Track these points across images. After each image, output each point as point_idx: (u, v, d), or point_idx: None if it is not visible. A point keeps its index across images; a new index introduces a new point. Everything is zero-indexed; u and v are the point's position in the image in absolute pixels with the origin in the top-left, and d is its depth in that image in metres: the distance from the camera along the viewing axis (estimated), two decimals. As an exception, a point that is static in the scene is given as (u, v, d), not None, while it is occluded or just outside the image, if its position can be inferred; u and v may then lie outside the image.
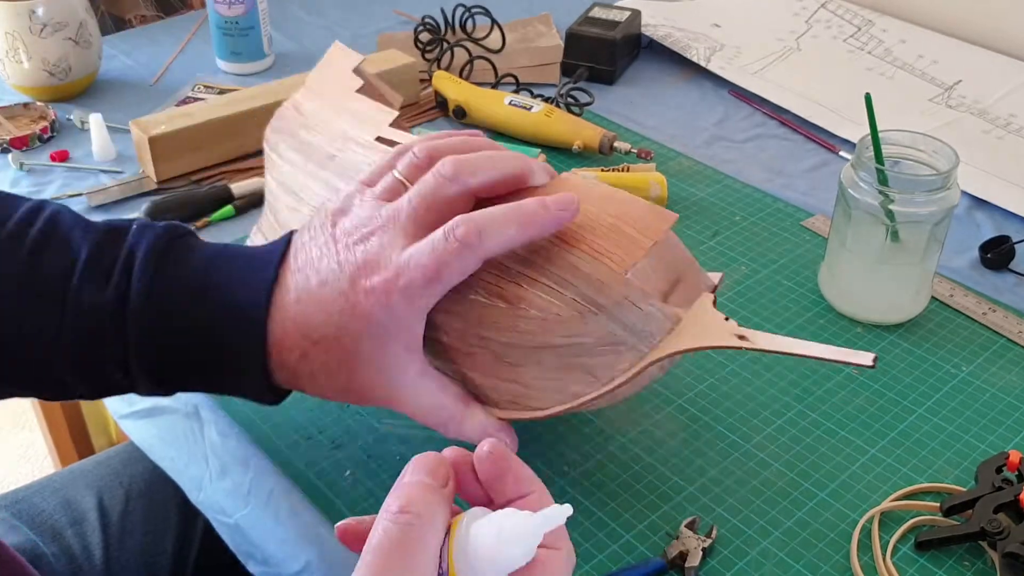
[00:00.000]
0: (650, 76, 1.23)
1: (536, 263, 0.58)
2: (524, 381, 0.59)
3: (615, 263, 0.57)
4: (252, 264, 0.59)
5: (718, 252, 0.90)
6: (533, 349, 0.58)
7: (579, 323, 0.57)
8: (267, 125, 0.77)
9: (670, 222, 0.58)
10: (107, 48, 1.24)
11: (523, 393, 0.60)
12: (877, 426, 0.72)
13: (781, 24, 1.31)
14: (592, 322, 0.57)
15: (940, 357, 0.78)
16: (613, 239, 0.57)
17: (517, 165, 0.60)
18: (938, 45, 1.24)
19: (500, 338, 0.58)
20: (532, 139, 1.05)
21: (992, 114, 1.11)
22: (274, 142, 0.76)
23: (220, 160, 1.01)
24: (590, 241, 0.57)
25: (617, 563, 0.62)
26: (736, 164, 1.05)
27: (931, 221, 0.76)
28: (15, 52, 1.08)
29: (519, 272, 0.58)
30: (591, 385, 0.58)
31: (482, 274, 0.58)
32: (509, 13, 1.36)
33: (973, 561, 0.62)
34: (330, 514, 0.65)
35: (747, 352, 0.78)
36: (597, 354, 0.58)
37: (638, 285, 0.57)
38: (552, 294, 0.57)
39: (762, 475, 0.67)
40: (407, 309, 0.55)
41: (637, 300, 0.57)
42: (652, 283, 0.58)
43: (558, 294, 0.57)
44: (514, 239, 0.56)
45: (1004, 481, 0.64)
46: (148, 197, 0.96)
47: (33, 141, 1.05)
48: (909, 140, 0.79)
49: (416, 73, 1.12)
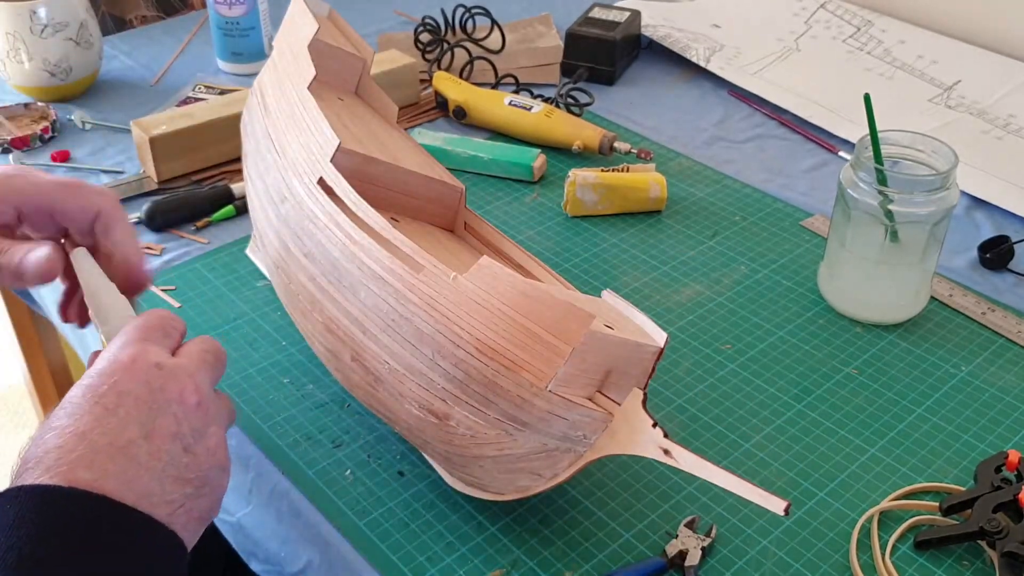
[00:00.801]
0: (650, 76, 1.23)
1: (457, 378, 0.55)
2: (475, 475, 0.60)
3: (535, 376, 0.53)
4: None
5: (718, 252, 0.90)
6: (472, 458, 0.58)
7: (508, 439, 0.56)
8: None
9: (588, 324, 0.52)
10: (108, 48, 1.24)
11: (479, 482, 0.61)
12: (876, 426, 0.72)
13: (781, 24, 1.32)
14: (521, 437, 0.56)
15: (939, 357, 0.78)
16: (531, 349, 0.53)
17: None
18: (938, 45, 1.24)
19: (439, 446, 0.59)
20: (532, 139, 1.05)
21: (991, 114, 1.11)
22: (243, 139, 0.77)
23: (220, 160, 1.02)
24: (509, 353, 0.54)
25: (617, 562, 0.62)
26: (736, 164, 1.05)
27: (930, 221, 0.76)
28: (16, 52, 1.08)
29: (443, 388, 0.55)
30: (537, 481, 0.59)
31: (410, 384, 0.57)
32: (509, 13, 1.36)
33: (972, 560, 0.62)
34: (331, 513, 0.65)
35: (747, 352, 0.78)
36: (534, 459, 0.58)
37: (560, 396, 0.54)
38: (476, 414, 0.56)
39: (761, 474, 0.68)
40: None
41: (562, 412, 0.55)
42: (577, 387, 0.55)
43: (482, 414, 0.55)
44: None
45: (1003, 481, 0.64)
46: (149, 197, 0.96)
47: (34, 141, 1.06)
48: (908, 140, 0.79)
49: (416, 73, 1.13)
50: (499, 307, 0.54)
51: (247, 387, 0.74)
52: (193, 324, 0.81)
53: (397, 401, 0.59)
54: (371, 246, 0.59)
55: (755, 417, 0.72)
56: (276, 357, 0.77)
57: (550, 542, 0.63)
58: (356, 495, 0.66)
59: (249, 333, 0.80)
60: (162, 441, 0.49)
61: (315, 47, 0.73)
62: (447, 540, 0.63)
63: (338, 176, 0.64)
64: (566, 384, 0.54)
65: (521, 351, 0.54)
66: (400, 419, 0.60)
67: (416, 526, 0.64)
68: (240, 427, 0.71)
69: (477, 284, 0.55)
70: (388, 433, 0.70)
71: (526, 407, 0.54)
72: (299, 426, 0.71)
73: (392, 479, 0.67)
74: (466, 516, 0.65)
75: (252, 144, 0.74)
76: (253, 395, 0.74)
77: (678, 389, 0.75)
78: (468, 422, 0.56)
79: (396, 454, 0.69)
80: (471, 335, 0.54)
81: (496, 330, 0.54)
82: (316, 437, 0.70)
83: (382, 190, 0.68)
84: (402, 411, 0.59)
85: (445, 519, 0.64)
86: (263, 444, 0.70)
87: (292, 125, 0.69)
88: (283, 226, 0.66)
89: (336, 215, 0.62)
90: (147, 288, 0.63)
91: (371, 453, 0.69)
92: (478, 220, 0.74)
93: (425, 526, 0.64)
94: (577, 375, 0.54)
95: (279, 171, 0.68)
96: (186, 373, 0.52)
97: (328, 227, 0.62)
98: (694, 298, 0.84)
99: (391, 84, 1.09)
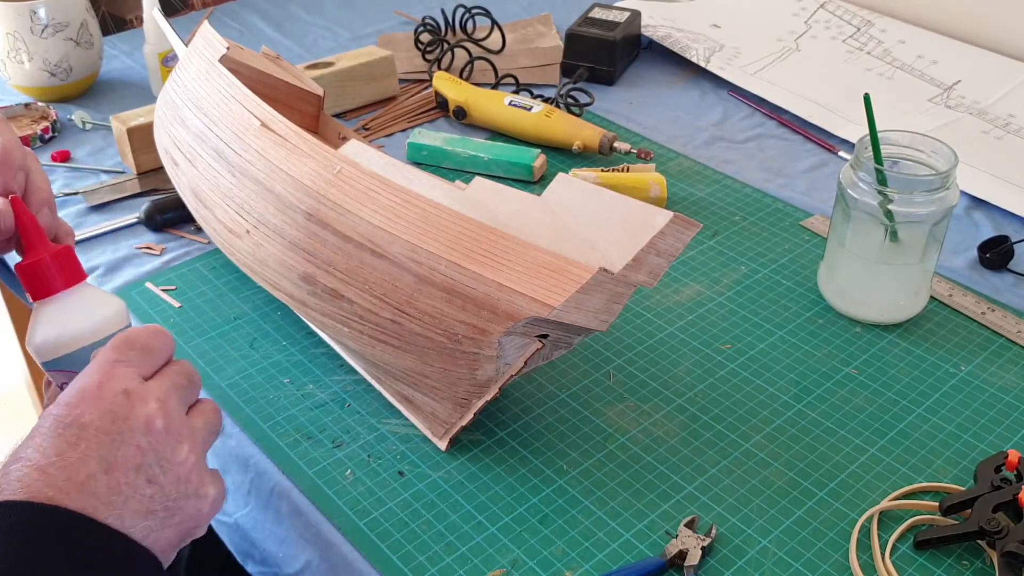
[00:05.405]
0: (650, 76, 1.23)
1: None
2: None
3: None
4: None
5: (717, 252, 0.90)
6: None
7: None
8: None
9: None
10: (108, 48, 1.25)
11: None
12: (876, 425, 0.72)
13: (780, 24, 1.32)
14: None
15: (939, 357, 0.78)
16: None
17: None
18: (937, 45, 1.24)
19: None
20: (532, 139, 1.05)
21: (991, 114, 1.11)
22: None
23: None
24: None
25: (617, 562, 0.62)
26: (735, 164, 1.05)
27: (930, 221, 0.76)
28: (16, 52, 1.08)
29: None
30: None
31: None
32: (509, 14, 1.36)
33: (972, 560, 0.62)
34: (331, 514, 0.65)
35: (747, 352, 0.78)
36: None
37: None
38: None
39: (761, 474, 0.68)
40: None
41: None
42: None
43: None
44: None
45: (1003, 480, 0.64)
46: (147, 197, 0.96)
47: (34, 141, 1.06)
48: (908, 140, 0.79)
49: (393, 66, 1.14)
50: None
51: (247, 387, 0.74)
52: (193, 324, 0.81)
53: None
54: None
55: (755, 417, 0.72)
56: (276, 357, 0.77)
57: (550, 542, 0.63)
58: (356, 495, 0.66)
59: (249, 333, 0.80)
60: (123, 474, 0.48)
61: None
62: (447, 540, 0.63)
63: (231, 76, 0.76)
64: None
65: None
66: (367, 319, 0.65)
67: (416, 526, 0.64)
68: (240, 427, 0.71)
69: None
70: (388, 433, 0.70)
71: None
72: (299, 426, 0.71)
73: (392, 479, 0.67)
74: (466, 516, 0.65)
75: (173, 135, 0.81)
76: (253, 395, 0.74)
77: (678, 389, 0.75)
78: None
79: (396, 454, 0.69)
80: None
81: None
82: (316, 437, 0.70)
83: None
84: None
85: (445, 519, 0.64)
86: (263, 444, 0.70)
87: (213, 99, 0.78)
88: (216, 164, 0.74)
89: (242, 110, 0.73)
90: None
91: (371, 453, 0.69)
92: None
93: (425, 526, 0.64)
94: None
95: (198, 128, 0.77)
96: (154, 397, 0.51)
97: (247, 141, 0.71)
98: (694, 298, 0.84)
99: (368, 77, 1.12)
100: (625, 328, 0.81)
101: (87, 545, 0.45)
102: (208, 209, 0.75)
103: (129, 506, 0.47)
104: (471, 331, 0.60)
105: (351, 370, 0.75)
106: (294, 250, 0.66)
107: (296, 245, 0.66)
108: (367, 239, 0.63)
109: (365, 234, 0.63)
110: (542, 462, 0.68)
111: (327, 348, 0.78)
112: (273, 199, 0.68)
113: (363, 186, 0.64)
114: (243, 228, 0.71)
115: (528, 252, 0.60)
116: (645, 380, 0.76)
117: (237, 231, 0.71)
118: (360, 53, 1.13)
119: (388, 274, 0.62)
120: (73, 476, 0.46)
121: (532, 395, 0.74)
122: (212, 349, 0.78)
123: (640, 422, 0.72)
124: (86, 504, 0.46)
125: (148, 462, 0.49)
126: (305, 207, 0.65)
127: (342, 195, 0.64)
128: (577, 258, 0.60)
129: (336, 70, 1.10)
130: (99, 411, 0.49)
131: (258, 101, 0.72)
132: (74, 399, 0.50)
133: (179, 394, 0.52)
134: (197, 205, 0.78)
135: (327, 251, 0.64)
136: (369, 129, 1.10)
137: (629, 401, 0.74)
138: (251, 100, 0.73)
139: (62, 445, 0.47)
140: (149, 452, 0.49)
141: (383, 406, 0.73)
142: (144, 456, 0.49)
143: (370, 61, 1.12)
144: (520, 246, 0.60)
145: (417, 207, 0.62)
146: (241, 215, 0.71)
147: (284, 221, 0.67)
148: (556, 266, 0.59)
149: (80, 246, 0.91)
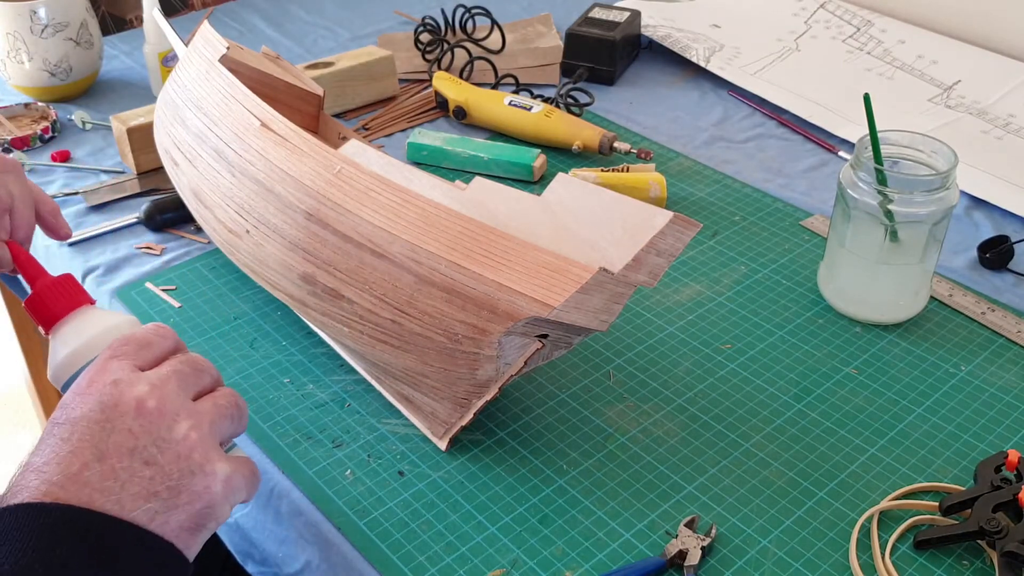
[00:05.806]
0: (650, 76, 1.23)
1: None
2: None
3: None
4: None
5: (717, 252, 0.90)
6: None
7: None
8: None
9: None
10: (108, 48, 1.25)
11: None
12: (876, 425, 0.72)
13: (780, 24, 1.32)
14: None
15: (939, 356, 0.78)
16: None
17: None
18: (937, 45, 1.24)
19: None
20: (532, 139, 1.05)
21: (991, 114, 1.11)
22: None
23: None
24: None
25: (616, 562, 0.62)
26: (735, 164, 1.05)
27: (930, 221, 0.76)
28: (16, 52, 1.09)
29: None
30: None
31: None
32: (509, 13, 1.36)
33: (972, 560, 0.62)
34: (331, 514, 0.65)
35: (747, 352, 0.78)
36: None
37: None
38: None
39: (761, 474, 0.68)
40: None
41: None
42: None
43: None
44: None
45: (1003, 480, 0.64)
46: (147, 197, 0.96)
47: (34, 141, 1.06)
48: (908, 140, 0.79)
49: (393, 66, 1.14)
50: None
51: (247, 387, 0.74)
52: (193, 324, 0.81)
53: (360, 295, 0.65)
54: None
55: (755, 417, 0.72)
56: (276, 357, 0.77)
57: (550, 542, 0.63)
58: (356, 495, 0.66)
59: (249, 333, 0.80)
60: (117, 460, 0.47)
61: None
62: (447, 540, 0.63)
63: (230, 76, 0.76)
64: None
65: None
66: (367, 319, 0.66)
67: (416, 526, 0.64)
68: (240, 427, 0.71)
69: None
70: (388, 433, 0.70)
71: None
72: (299, 426, 0.71)
73: (392, 479, 0.67)
74: (466, 516, 0.65)
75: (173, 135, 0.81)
76: (253, 395, 0.74)
77: (678, 389, 0.75)
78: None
79: (396, 454, 0.69)
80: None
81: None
82: (316, 437, 0.70)
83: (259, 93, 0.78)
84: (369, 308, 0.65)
85: (445, 519, 0.64)
86: (263, 444, 0.70)
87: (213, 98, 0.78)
88: (216, 164, 0.74)
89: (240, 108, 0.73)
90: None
91: (371, 453, 0.69)
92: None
93: (425, 526, 0.64)
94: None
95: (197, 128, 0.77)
96: (146, 381, 0.50)
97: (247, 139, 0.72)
98: (694, 298, 0.84)
99: (368, 77, 1.12)
100: (625, 328, 0.81)
101: (85, 535, 0.45)
102: (208, 209, 0.75)
103: (128, 490, 0.47)
104: (471, 331, 0.60)
105: (351, 370, 0.76)
106: (294, 250, 0.66)
107: (296, 245, 0.66)
108: (367, 239, 0.63)
109: (365, 234, 0.63)
110: (542, 462, 0.68)
111: (327, 348, 0.78)
112: (273, 199, 0.68)
113: (363, 186, 0.64)
114: (243, 228, 0.71)
115: (528, 252, 0.60)
116: (645, 380, 0.76)
117: (237, 231, 0.71)
118: (360, 53, 1.14)
119: (388, 274, 0.62)
120: (67, 469, 0.46)
121: (532, 395, 0.74)
122: (212, 349, 0.78)
123: (640, 422, 0.72)
124: (80, 494, 0.46)
125: (142, 444, 0.48)
126: (305, 207, 0.65)
127: (342, 195, 0.64)
128: (577, 258, 0.60)
129: (336, 70, 1.10)
130: (89, 404, 0.49)
131: (258, 101, 0.72)
132: (67, 399, 0.50)
133: (179, 379, 0.52)
134: (197, 205, 0.78)
135: (327, 251, 0.64)
136: (369, 129, 1.10)
137: (629, 401, 0.74)
138: (251, 100, 0.73)
139: (56, 443, 0.47)
140: (142, 434, 0.48)
141: (383, 406, 0.73)
142: (137, 439, 0.48)
143: (370, 61, 1.12)
144: (520, 246, 0.60)
145: (417, 207, 0.62)
146: (241, 215, 0.71)
147: (284, 221, 0.67)
148: (556, 266, 0.59)
149: (80, 246, 0.91)
